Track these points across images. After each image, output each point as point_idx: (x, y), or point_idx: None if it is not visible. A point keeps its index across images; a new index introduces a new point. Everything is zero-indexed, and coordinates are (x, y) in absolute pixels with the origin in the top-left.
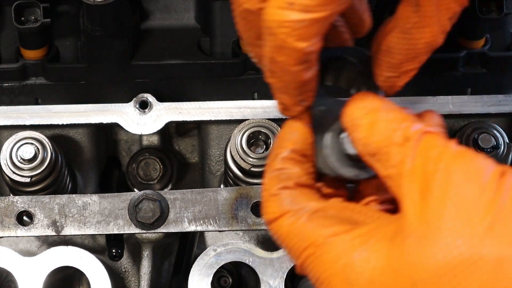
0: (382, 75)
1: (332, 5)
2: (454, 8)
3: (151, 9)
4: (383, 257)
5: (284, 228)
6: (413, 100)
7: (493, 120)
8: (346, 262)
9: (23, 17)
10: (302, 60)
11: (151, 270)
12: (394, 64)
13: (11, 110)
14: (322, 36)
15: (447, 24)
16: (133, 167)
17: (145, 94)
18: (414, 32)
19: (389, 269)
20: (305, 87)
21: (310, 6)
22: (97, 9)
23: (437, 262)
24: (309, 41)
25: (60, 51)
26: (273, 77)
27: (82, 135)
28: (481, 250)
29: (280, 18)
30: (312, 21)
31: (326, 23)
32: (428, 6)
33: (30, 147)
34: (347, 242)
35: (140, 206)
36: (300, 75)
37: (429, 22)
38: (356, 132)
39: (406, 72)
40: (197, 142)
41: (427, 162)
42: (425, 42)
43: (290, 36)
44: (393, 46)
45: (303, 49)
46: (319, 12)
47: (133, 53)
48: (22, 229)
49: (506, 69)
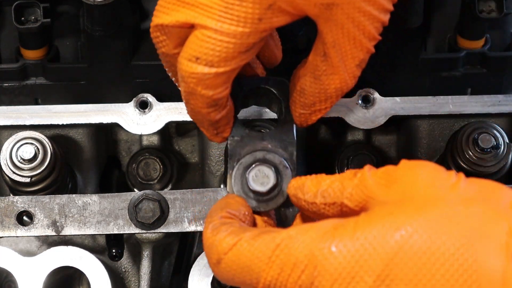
0: (297, 111)
1: (235, 61)
2: (360, 56)
3: (151, 9)
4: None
5: (245, 251)
6: (413, 100)
7: (493, 120)
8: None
9: (23, 17)
10: (212, 105)
11: (151, 270)
12: (307, 104)
13: (11, 110)
14: (230, 83)
15: (355, 71)
16: (133, 167)
17: (145, 94)
18: (323, 78)
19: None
20: (218, 124)
21: (214, 62)
22: (97, 9)
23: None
24: (216, 90)
25: (60, 51)
26: (188, 111)
27: (82, 135)
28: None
29: (188, 69)
30: (217, 74)
31: (231, 74)
32: (334, 56)
33: (30, 147)
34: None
35: (140, 206)
36: (211, 115)
37: (337, 70)
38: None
39: (319, 110)
40: (197, 142)
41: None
42: (335, 87)
43: (198, 86)
44: (306, 89)
45: (211, 96)
46: (222, 67)
47: (133, 53)
48: (22, 229)
49: (506, 69)
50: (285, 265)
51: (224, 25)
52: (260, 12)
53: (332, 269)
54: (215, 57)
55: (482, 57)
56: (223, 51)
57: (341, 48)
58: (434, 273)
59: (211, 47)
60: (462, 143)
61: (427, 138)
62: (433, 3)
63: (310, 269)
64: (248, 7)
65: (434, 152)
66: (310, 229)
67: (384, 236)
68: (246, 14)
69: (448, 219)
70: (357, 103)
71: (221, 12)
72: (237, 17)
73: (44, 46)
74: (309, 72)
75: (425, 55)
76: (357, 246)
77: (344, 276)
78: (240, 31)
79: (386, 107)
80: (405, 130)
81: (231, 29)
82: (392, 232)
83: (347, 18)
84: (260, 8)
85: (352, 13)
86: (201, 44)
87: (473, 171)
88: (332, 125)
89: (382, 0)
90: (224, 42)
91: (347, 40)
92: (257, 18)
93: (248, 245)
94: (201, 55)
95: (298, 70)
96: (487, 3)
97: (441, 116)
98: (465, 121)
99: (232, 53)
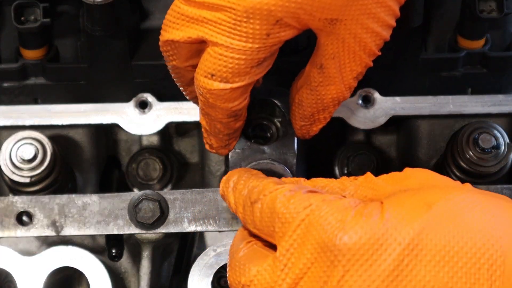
0: (297, 124)
1: (248, 75)
2: (358, 70)
3: (151, 9)
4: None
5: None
6: (414, 100)
7: (493, 120)
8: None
9: (23, 17)
10: (232, 115)
11: (151, 270)
12: (306, 115)
13: (10, 110)
14: (248, 94)
15: (352, 82)
16: (133, 167)
17: (145, 94)
18: (320, 89)
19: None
20: (234, 134)
21: (228, 78)
22: (97, 9)
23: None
24: (235, 102)
25: (60, 51)
26: (205, 122)
27: (82, 135)
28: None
29: (206, 86)
30: (232, 89)
31: (248, 87)
32: (330, 68)
33: (30, 147)
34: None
35: (140, 206)
36: (231, 125)
37: (333, 82)
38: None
39: (319, 120)
40: (197, 142)
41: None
42: (331, 97)
43: (217, 101)
44: (303, 100)
45: (231, 108)
46: (237, 82)
47: (133, 53)
48: (21, 229)
49: (507, 69)
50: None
51: (234, 41)
52: (267, 28)
53: (358, 236)
54: (228, 73)
55: (482, 57)
56: (235, 67)
57: (340, 60)
58: (463, 245)
59: (224, 64)
60: (462, 143)
61: (428, 138)
62: (433, 3)
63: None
64: (256, 23)
65: (435, 152)
66: (340, 199)
67: (416, 208)
68: (254, 31)
69: (475, 200)
70: (357, 103)
71: (230, 29)
72: (245, 34)
73: (44, 46)
74: (305, 84)
75: (426, 55)
76: (385, 218)
77: (373, 243)
78: (249, 46)
79: (387, 107)
80: (405, 130)
81: (241, 45)
82: (424, 205)
83: (349, 34)
84: (268, 24)
85: (355, 29)
86: (215, 62)
87: (474, 171)
88: (332, 125)
89: (386, 17)
90: (235, 59)
91: (347, 53)
92: (265, 34)
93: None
94: (216, 72)
95: (296, 83)
96: (488, 3)
97: (441, 116)
98: (466, 121)
99: (245, 69)
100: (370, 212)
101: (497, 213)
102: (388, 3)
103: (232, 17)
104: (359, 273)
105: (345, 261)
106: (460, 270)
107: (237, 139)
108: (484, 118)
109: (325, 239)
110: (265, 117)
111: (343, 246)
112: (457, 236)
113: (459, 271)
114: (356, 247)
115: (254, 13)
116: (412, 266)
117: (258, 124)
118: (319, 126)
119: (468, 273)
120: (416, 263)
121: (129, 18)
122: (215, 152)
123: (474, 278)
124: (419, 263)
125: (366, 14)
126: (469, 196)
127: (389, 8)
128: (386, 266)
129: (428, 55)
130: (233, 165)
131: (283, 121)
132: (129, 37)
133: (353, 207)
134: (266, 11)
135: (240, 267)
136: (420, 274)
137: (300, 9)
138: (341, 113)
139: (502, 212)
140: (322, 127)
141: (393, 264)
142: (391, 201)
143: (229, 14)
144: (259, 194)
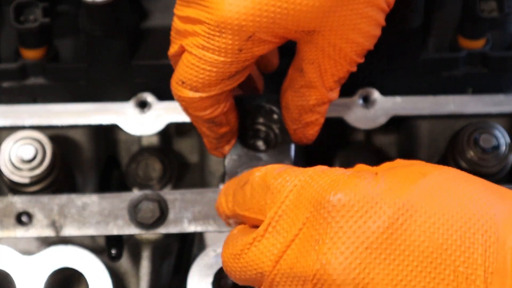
0: (290, 127)
1: (219, 86)
2: (339, 75)
3: (151, 9)
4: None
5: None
6: (414, 100)
7: (494, 120)
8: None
9: (22, 17)
10: (209, 121)
11: (151, 270)
12: (295, 118)
13: (10, 110)
14: (220, 104)
15: (333, 85)
16: (133, 167)
17: (145, 94)
18: (303, 91)
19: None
20: (223, 138)
21: (198, 88)
22: (97, 9)
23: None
24: (205, 112)
25: (59, 51)
26: (194, 124)
27: (81, 135)
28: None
29: (177, 92)
30: (201, 98)
31: (218, 97)
32: (310, 73)
33: (30, 147)
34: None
35: (139, 206)
36: (214, 130)
37: (314, 85)
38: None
39: (312, 123)
40: (197, 142)
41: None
42: (315, 98)
43: (189, 108)
44: (289, 103)
45: (203, 116)
46: (206, 92)
47: (133, 53)
48: (21, 229)
49: (508, 69)
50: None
51: (207, 53)
52: (239, 43)
53: (353, 194)
54: (198, 83)
55: (483, 57)
56: (206, 79)
57: (319, 66)
58: (458, 211)
59: (194, 74)
60: (463, 143)
61: (428, 138)
62: (434, 3)
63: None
64: (228, 38)
65: (435, 152)
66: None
67: (410, 175)
68: (226, 45)
69: (468, 175)
70: (357, 103)
71: (204, 42)
72: (218, 48)
73: (44, 46)
74: (290, 86)
75: (426, 55)
76: (380, 182)
77: (367, 201)
78: (221, 60)
79: (387, 107)
80: (406, 130)
81: (213, 58)
82: (418, 174)
83: (328, 44)
84: (240, 40)
85: (334, 40)
86: (186, 70)
87: (474, 171)
88: (332, 125)
89: (367, 27)
90: (206, 71)
91: (327, 60)
92: (237, 49)
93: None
94: (186, 80)
95: (283, 86)
96: (488, 3)
97: (442, 116)
98: (466, 121)
99: (215, 80)
100: (364, 176)
101: (490, 186)
102: (369, 13)
103: (205, 30)
104: (353, 229)
105: (339, 217)
106: (455, 233)
107: (230, 143)
108: (485, 118)
109: (318, 197)
110: (263, 123)
111: (337, 202)
112: (452, 202)
113: (454, 234)
114: (350, 203)
115: (226, 27)
116: (406, 226)
117: (256, 131)
118: (315, 129)
119: (463, 236)
120: (410, 223)
121: (129, 18)
122: (211, 153)
123: (469, 242)
124: (413, 223)
125: (345, 25)
126: (463, 172)
127: (371, 19)
128: (380, 223)
129: (428, 55)
130: (229, 172)
131: (281, 127)
132: (129, 37)
133: (347, 173)
134: (237, 26)
135: (231, 239)
136: (414, 234)
137: (273, 24)
138: (341, 113)
139: (495, 186)
140: (319, 129)
141: (388, 222)
142: (385, 171)
143: (203, 27)
144: (249, 176)
